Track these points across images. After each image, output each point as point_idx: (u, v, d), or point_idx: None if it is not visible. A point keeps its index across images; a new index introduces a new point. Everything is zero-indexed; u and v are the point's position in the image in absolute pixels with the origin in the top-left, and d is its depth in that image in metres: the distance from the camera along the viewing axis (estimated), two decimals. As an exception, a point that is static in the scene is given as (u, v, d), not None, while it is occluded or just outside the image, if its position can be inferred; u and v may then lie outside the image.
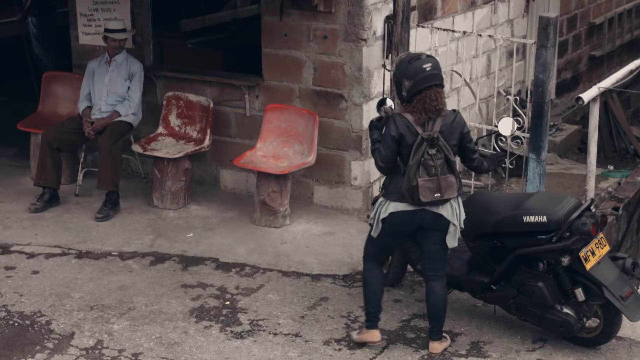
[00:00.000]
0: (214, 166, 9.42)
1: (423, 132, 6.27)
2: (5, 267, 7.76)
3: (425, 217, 6.41)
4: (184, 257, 8.01)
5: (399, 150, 6.33)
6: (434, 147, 6.28)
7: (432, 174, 6.27)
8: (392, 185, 6.44)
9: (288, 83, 8.87)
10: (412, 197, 6.29)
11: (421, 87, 6.28)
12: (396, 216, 6.41)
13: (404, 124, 6.30)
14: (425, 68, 6.29)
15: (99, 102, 9.03)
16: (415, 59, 6.36)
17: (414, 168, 6.25)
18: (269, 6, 8.79)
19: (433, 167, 6.27)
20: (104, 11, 9.51)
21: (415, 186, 6.24)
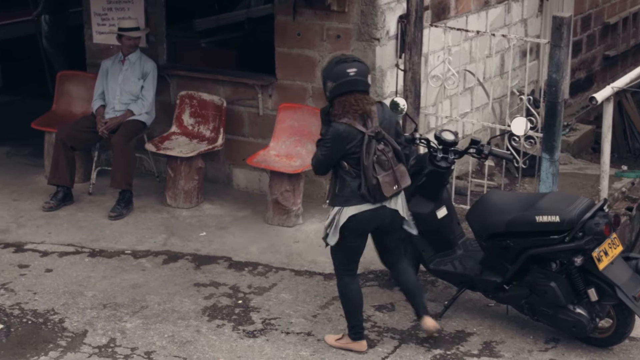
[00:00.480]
0: (227, 165, 9.43)
1: (367, 130, 6.27)
2: (19, 265, 7.79)
3: (385, 216, 6.43)
4: (197, 256, 8.02)
5: (345, 154, 6.29)
6: (381, 142, 6.31)
7: (387, 168, 6.30)
8: (346, 190, 6.34)
9: (301, 82, 8.88)
10: (375, 195, 6.29)
11: (341, 91, 6.28)
12: (358, 217, 6.36)
13: (345, 130, 6.26)
14: (349, 73, 6.27)
15: (113, 101, 9.05)
16: (342, 62, 6.35)
17: (371, 167, 6.25)
18: (283, 6, 8.79)
19: (386, 161, 6.30)
20: (118, 10, 9.54)
21: (377, 184, 6.26)
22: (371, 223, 6.44)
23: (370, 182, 6.25)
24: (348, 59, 6.39)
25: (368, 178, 6.25)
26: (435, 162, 6.96)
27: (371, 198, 6.30)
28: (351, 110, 6.26)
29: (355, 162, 6.30)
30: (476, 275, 6.93)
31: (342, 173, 6.36)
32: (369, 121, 6.29)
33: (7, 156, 10.36)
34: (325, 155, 6.35)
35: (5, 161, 10.22)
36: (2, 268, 7.72)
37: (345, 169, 6.33)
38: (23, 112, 11.43)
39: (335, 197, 6.42)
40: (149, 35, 9.48)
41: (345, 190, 6.35)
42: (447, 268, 7.09)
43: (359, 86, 6.30)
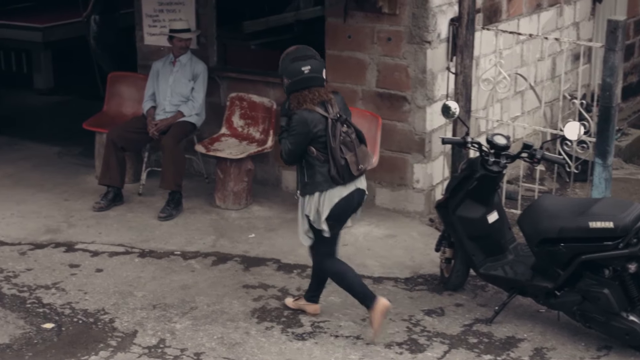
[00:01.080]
0: (276, 167, 9.44)
1: (329, 115, 6.52)
2: (70, 264, 7.85)
3: (359, 197, 6.73)
4: (246, 258, 8.03)
5: (312, 140, 6.52)
6: (344, 125, 6.59)
7: (352, 148, 6.58)
8: (317, 176, 6.57)
9: (351, 85, 8.86)
10: (344, 176, 6.54)
11: (297, 87, 6.56)
12: (340, 204, 6.61)
13: (310, 116, 6.50)
14: (304, 71, 6.53)
15: (163, 102, 9.09)
16: (296, 59, 6.59)
17: (338, 148, 6.52)
18: (333, 8, 8.78)
19: (350, 142, 6.59)
20: (169, 12, 9.58)
21: (346, 164, 6.52)
22: (351, 206, 6.71)
23: (339, 163, 6.51)
24: (302, 56, 6.63)
25: (337, 159, 6.51)
26: (487, 166, 6.91)
27: (340, 179, 6.54)
28: (307, 100, 6.54)
29: (322, 146, 6.54)
30: (527, 281, 6.87)
31: (311, 159, 6.59)
32: (329, 107, 6.57)
33: (58, 156, 10.45)
34: (296, 143, 6.55)
35: (56, 161, 10.30)
36: (54, 267, 7.78)
37: (314, 155, 6.56)
38: (74, 112, 11.54)
39: (306, 185, 6.64)
40: (199, 37, 9.51)
41: (316, 177, 6.57)
42: (498, 273, 7.03)
43: (314, 82, 6.55)
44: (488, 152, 6.94)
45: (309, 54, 6.67)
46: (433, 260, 7.87)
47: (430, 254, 7.96)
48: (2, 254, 8.01)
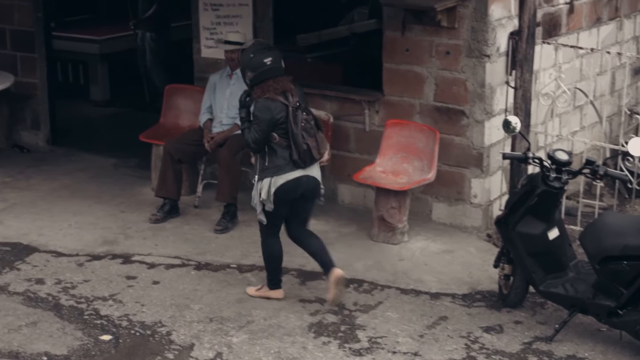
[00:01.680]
0: (332, 180, 9.40)
1: (289, 103, 7.02)
2: (127, 276, 7.87)
3: (309, 183, 7.18)
4: (302, 272, 7.99)
5: (275, 126, 7.00)
6: (304, 112, 7.10)
7: (312, 134, 7.07)
8: (277, 160, 7.05)
9: (409, 98, 8.81)
10: (306, 160, 7.05)
11: (261, 79, 7.04)
12: (286, 186, 7.08)
13: (273, 104, 6.99)
14: (266, 62, 7.05)
15: (220, 115, 9.10)
16: (258, 52, 7.10)
17: (300, 134, 7.00)
18: (391, 21, 8.74)
19: (310, 128, 7.09)
20: (227, 25, 9.59)
21: (308, 149, 7.02)
22: (298, 189, 7.15)
23: (301, 148, 7.00)
24: (263, 49, 7.16)
25: (299, 144, 7.00)
26: (548, 182, 6.81)
27: (302, 163, 7.05)
28: (271, 90, 7.03)
29: (283, 132, 7.02)
30: (588, 299, 6.76)
31: (273, 145, 7.05)
32: (290, 96, 7.08)
33: (115, 168, 10.50)
34: (261, 130, 7.00)
35: (112, 173, 10.36)
36: (111, 279, 7.80)
37: (276, 141, 7.03)
38: (129, 123, 11.61)
39: (266, 169, 7.12)
40: (256, 50, 9.50)
41: (278, 161, 7.07)
42: (558, 290, 6.93)
43: (277, 73, 7.10)
44: (549, 168, 6.85)
45: (269, 47, 7.29)
46: (491, 276, 7.78)
47: (488, 270, 7.87)
48: (60, 265, 8.05)
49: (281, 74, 7.12)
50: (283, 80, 7.12)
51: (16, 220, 8.96)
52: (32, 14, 10.95)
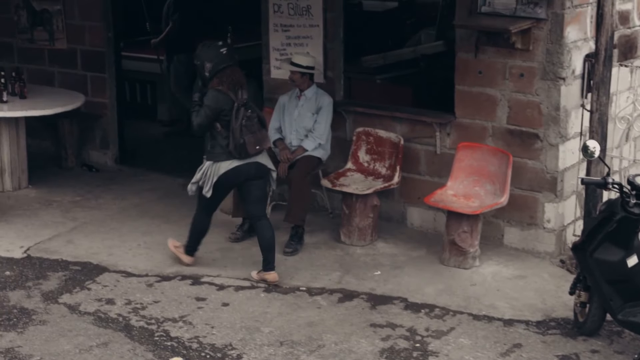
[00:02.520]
0: (402, 203, 9.30)
1: (237, 100, 7.74)
2: (197, 297, 7.84)
3: (251, 169, 7.92)
4: (372, 296, 7.90)
5: (219, 117, 7.76)
6: (249, 110, 7.81)
7: (252, 131, 7.79)
8: (217, 148, 7.86)
9: (481, 121, 8.69)
10: (241, 153, 7.79)
11: (220, 67, 7.78)
12: (228, 174, 7.85)
13: (222, 96, 7.74)
14: (222, 52, 7.83)
15: (289, 136, 9.06)
16: (213, 45, 7.89)
17: (238, 130, 7.74)
18: (464, 43, 8.64)
19: (252, 125, 7.80)
20: (297, 46, 9.56)
21: (243, 143, 7.74)
22: (239, 176, 7.93)
23: (237, 142, 7.74)
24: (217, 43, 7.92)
25: (235, 138, 7.74)
26: (628, 208, 6.66)
27: (237, 154, 7.79)
28: (226, 82, 7.75)
29: (226, 124, 7.78)
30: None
31: (215, 133, 7.85)
32: (240, 92, 7.79)
33: (183, 188, 10.36)
34: (206, 117, 7.79)
35: (180, 193, 10.29)
36: (180, 300, 7.78)
37: (218, 130, 7.82)
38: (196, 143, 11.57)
39: (209, 153, 7.95)
40: (326, 71, 9.47)
41: (216, 148, 7.86)
42: (637, 319, 6.76)
43: (232, 60, 7.85)
44: (629, 194, 6.69)
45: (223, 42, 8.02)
46: (566, 303, 7.63)
47: (563, 296, 7.72)
48: (130, 285, 8.05)
49: (236, 64, 7.88)
50: (237, 72, 7.85)
51: (86, 240, 8.99)
52: (102, 34, 11.03)
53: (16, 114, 10.04)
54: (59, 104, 10.37)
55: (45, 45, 11.47)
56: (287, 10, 9.55)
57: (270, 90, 9.89)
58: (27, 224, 9.38)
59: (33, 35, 11.52)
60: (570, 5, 8.12)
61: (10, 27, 11.65)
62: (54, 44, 11.40)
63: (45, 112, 10.14)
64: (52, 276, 8.19)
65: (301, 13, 9.49)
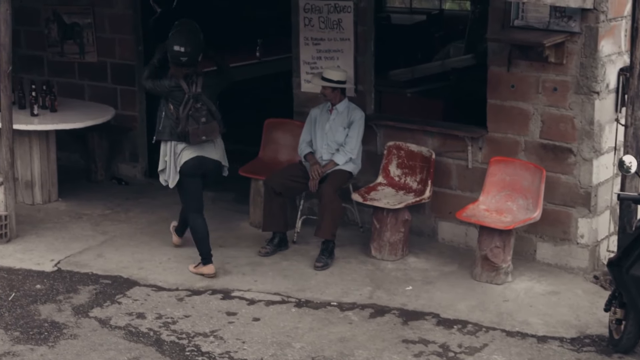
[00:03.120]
0: (433, 218, 9.24)
1: (189, 91, 8.18)
2: (227, 312, 7.80)
3: (210, 164, 8.42)
4: (404, 311, 7.84)
5: (168, 98, 8.27)
6: (198, 103, 8.21)
7: (199, 122, 8.20)
8: (167, 128, 8.30)
9: (513, 135, 8.62)
10: (186, 139, 8.21)
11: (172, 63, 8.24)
12: (190, 162, 8.32)
13: (173, 85, 8.24)
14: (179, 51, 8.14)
15: (320, 150, 9.01)
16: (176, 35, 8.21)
17: (185, 119, 8.18)
18: (496, 57, 8.58)
19: (199, 117, 8.20)
20: (327, 59, 9.53)
21: (187, 132, 8.18)
22: (200, 167, 8.36)
23: (183, 129, 8.20)
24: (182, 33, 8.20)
25: (182, 126, 8.19)
26: (665, 224, 6.58)
27: (183, 139, 8.23)
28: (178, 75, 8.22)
29: (176, 107, 8.22)
30: None
31: (168, 113, 8.29)
32: (193, 85, 8.21)
33: (212, 201, 10.46)
34: (155, 87, 8.37)
35: (210, 206, 10.26)
36: (211, 315, 7.74)
37: (170, 110, 8.27)
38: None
39: (158, 132, 8.40)
40: (357, 85, 9.43)
41: (166, 128, 8.31)
42: (675, 338, 6.67)
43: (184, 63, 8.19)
44: (666, 210, 6.61)
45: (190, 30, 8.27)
46: (600, 320, 7.54)
47: (597, 313, 7.63)
48: (160, 299, 8.02)
49: (190, 64, 8.20)
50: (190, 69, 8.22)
51: (116, 253, 8.98)
52: (133, 47, 11.05)
53: (47, 127, 10.05)
54: (89, 117, 10.37)
55: (75, 58, 11.50)
56: (317, 24, 9.53)
57: (300, 103, 9.85)
58: (57, 237, 9.38)
59: (63, 49, 11.55)
60: (605, 18, 8.04)
61: (41, 40, 11.68)
62: (84, 57, 11.42)
63: (76, 126, 10.15)
64: (83, 290, 8.18)
65: (332, 27, 9.46)
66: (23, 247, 9.08)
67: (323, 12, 9.48)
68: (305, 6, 9.56)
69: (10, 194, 9.16)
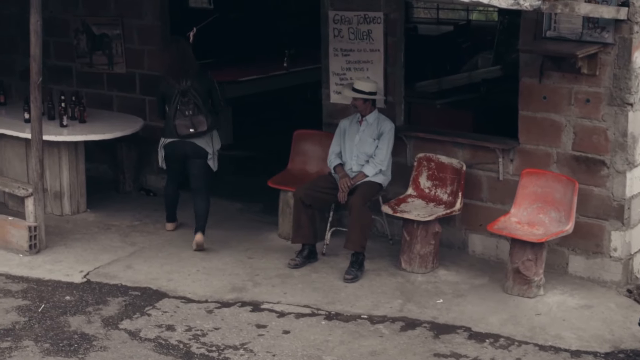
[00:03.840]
0: (463, 230, 9.17)
1: (179, 87, 9.05)
2: (257, 324, 7.75)
3: (186, 147, 9.22)
4: (435, 324, 7.76)
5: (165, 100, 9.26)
6: (186, 96, 9.04)
7: (185, 115, 9.05)
8: (166, 127, 9.30)
9: (545, 147, 8.55)
10: (175, 132, 9.13)
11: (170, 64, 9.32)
12: (167, 147, 9.32)
13: (165, 84, 9.20)
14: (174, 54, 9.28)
15: (350, 161, 8.96)
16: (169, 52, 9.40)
17: (173, 112, 9.11)
18: (528, 68, 8.51)
19: (186, 110, 9.05)
20: (357, 70, 9.49)
21: (175, 125, 9.07)
22: (177, 151, 9.31)
23: (171, 123, 9.12)
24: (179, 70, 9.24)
25: (169, 119, 9.17)
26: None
27: (175, 134, 9.16)
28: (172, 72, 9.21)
29: (168, 104, 9.20)
30: None
31: (168, 114, 9.26)
32: (184, 81, 9.08)
33: (240, 213, 10.47)
34: (157, 101, 9.52)
35: (238, 217, 10.32)
36: (241, 327, 7.70)
37: (167, 111, 9.28)
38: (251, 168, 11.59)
39: (162, 130, 9.42)
40: (387, 96, 9.38)
41: (166, 127, 9.31)
42: None
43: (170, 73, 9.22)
44: None
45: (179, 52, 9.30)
46: (634, 334, 7.44)
47: (631, 327, 7.54)
48: (190, 311, 7.99)
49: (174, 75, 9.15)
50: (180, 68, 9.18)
51: (145, 265, 8.95)
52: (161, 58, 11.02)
53: (76, 138, 10.05)
54: (118, 128, 10.37)
55: (104, 69, 11.51)
56: (347, 35, 9.49)
57: (329, 114, 9.81)
58: (86, 248, 9.37)
59: (92, 60, 11.57)
60: (639, 29, 7.96)
61: (70, 51, 11.70)
62: (113, 68, 11.43)
63: (106, 137, 10.15)
64: (112, 301, 8.16)
65: (362, 37, 9.42)
66: (52, 258, 9.08)
67: (353, 23, 9.44)
68: (335, 17, 9.53)
69: (40, 205, 9.16)
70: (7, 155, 10.40)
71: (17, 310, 7.97)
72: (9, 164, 10.40)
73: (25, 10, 9.00)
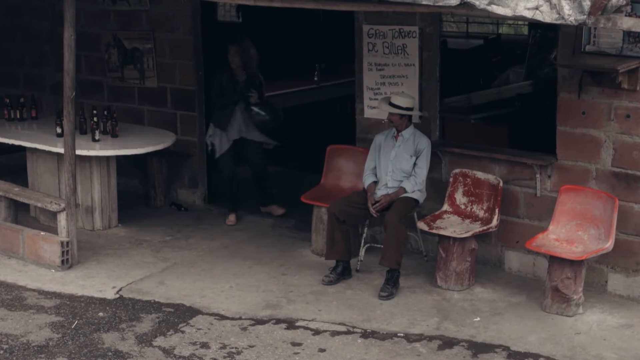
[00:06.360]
0: (499, 247, 9.04)
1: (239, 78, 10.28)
2: (292, 342, 7.64)
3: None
4: (473, 343, 7.64)
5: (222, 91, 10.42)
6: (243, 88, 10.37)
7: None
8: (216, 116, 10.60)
9: (584, 163, 8.42)
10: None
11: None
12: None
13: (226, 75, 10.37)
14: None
15: (385, 177, 8.86)
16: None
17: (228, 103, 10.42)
18: (567, 83, 8.39)
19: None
20: (391, 85, 9.40)
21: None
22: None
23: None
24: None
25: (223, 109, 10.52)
26: None
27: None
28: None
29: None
30: None
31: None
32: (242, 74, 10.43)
33: (272, 228, 10.37)
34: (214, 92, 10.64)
35: (271, 233, 10.23)
36: (276, 345, 7.59)
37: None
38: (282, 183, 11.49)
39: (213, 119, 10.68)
40: (422, 111, 9.28)
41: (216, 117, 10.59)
42: None
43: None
44: None
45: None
46: (677, 355, 7.30)
47: (674, 347, 7.40)
48: (224, 328, 7.90)
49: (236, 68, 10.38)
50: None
51: (178, 281, 8.88)
52: (193, 72, 10.99)
53: (108, 152, 9.99)
54: (150, 142, 10.30)
55: (135, 83, 11.47)
56: (382, 49, 9.40)
57: (362, 129, 9.72)
58: (118, 263, 9.31)
59: (124, 74, 11.54)
60: (680, 44, 7.85)
61: (101, 65, 11.68)
62: (144, 83, 11.39)
63: (137, 151, 10.08)
64: (146, 318, 8.08)
65: (396, 52, 9.32)
66: (84, 274, 9.02)
67: (387, 38, 9.36)
68: (369, 31, 9.45)
69: (72, 220, 9.11)
70: (39, 170, 10.36)
71: (51, 326, 7.91)
72: (40, 179, 10.36)
73: (56, 24, 8.97)
